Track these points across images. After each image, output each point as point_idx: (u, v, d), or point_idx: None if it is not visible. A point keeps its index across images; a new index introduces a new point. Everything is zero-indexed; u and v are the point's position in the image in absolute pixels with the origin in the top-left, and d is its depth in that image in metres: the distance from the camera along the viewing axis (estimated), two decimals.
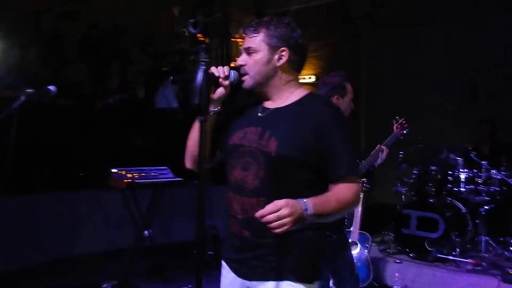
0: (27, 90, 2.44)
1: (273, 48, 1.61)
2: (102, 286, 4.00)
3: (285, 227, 1.36)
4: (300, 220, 1.40)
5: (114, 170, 4.19)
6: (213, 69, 1.61)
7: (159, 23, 7.39)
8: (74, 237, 4.92)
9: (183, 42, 7.45)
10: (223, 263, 1.74)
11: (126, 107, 6.52)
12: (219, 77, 1.61)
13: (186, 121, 1.81)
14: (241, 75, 1.66)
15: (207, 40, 1.51)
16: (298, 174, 1.52)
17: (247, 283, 1.63)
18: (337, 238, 2.55)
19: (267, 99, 1.68)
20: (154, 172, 4.49)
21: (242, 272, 1.64)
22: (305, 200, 1.42)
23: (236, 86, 1.69)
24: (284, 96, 1.64)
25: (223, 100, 1.69)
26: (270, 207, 1.37)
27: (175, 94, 6.45)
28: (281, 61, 1.63)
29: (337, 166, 1.53)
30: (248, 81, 1.65)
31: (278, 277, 1.55)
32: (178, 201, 5.31)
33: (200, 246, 1.48)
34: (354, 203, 1.56)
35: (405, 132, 3.35)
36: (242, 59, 1.66)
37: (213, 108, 1.67)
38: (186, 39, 7.32)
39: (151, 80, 6.95)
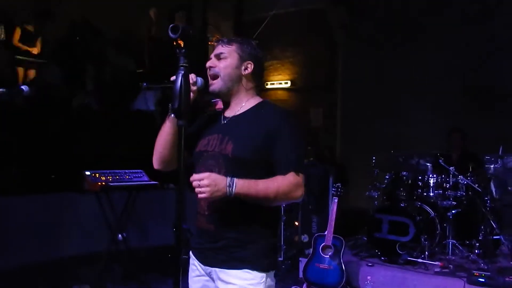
0: None
1: (242, 59, 1.85)
2: None
3: (202, 194, 1.60)
4: (219, 193, 1.61)
5: (87, 173, 4.14)
6: None
7: (136, 26, 7.34)
8: (45, 240, 4.82)
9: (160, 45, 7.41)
10: (191, 253, 1.91)
11: (100, 109, 6.44)
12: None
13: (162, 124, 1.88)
14: (211, 77, 1.83)
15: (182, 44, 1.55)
16: (252, 171, 1.71)
17: (209, 269, 1.82)
18: None
19: (228, 106, 1.88)
20: (128, 175, 4.46)
21: (205, 259, 1.83)
22: (233, 179, 1.63)
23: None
24: (242, 103, 1.86)
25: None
26: (197, 176, 1.60)
27: (156, 98, 6.42)
28: (247, 71, 1.85)
29: (280, 163, 1.73)
30: (217, 83, 1.83)
31: (237, 266, 1.75)
32: (152, 205, 5.28)
33: (179, 249, 1.52)
34: (288, 193, 1.72)
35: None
36: (212, 62, 1.85)
37: None
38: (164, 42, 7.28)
39: (128, 82, 6.88)
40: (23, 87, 2.47)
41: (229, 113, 1.88)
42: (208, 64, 1.84)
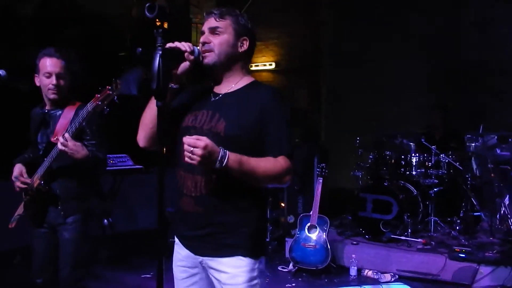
0: None
1: (238, 35, 1.74)
2: None
3: (192, 159, 1.51)
4: (210, 163, 1.53)
5: None
6: (178, 44, 1.65)
7: (117, 6, 7.18)
8: None
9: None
10: (176, 239, 1.82)
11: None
12: (185, 51, 1.66)
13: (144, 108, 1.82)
14: (204, 52, 1.72)
15: (165, 25, 1.50)
16: (244, 151, 1.62)
17: (200, 258, 1.73)
18: None
19: (219, 83, 1.79)
20: (113, 160, 4.44)
21: (195, 248, 1.74)
22: (226, 152, 1.55)
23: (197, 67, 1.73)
24: (234, 81, 1.76)
25: (183, 79, 1.74)
26: (193, 139, 1.51)
27: (137, 81, 6.33)
28: (242, 48, 1.76)
29: (272, 145, 1.68)
30: (212, 57, 1.72)
31: (229, 254, 1.68)
32: (137, 189, 5.27)
33: (162, 231, 1.51)
34: (278, 177, 1.68)
35: (99, 103, 2.24)
36: (205, 37, 1.74)
37: (173, 85, 1.71)
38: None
39: (109, 64, 6.75)
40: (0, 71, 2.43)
41: (219, 90, 1.78)
42: (202, 39, 1.73)
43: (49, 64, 2.51)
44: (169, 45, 1.59)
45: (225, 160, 1.54)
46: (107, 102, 2.29)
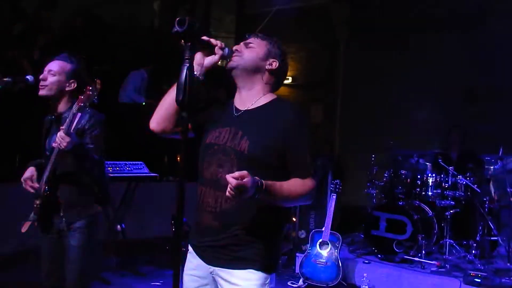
0: (4, 79, 2.43)
1: (270, 54, 1.82)
2: None
3: (237, 196, 1.51)
4: (248, 195, 1.54)
5: None
6: (211, 39, 1.72)
7: (139, 18, 7.32)
8: None
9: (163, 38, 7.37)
10: (190, 248, 1.84)
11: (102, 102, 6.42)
12: (216, 45, 1.73)
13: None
14: (233, 55, 1.79)
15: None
16: (266, 170, 1.66)
17: (211, 268, 1.76)
18: None
19: (240, 94, 1.83)
20: (129, 167, 4.48)
21: (207, 257, 1.76)
22: (262, 182, 1.57)
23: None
24: (257, 97, 1.80)
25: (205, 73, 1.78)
26: (237, 174, 1.51)
27: (135, 88, 6.45)
28: (270, 67, 1.81)
29: (299, 167, 1.72)
30: (237, 60, 1.78)
31: (242, 266, 1.70)
32: (151, 196, 5.30)
33: (178, 241, 1.51)
34: (306, 198, 1.74)
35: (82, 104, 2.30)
36: (239, 47, 1.82)
37: (198, 76, 1.76)
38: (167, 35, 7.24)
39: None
40: (28, 76, 2.49)
41: (241, 105, 1.82)
42: (235, 47, 1.81)
43: (49, 64, 2.51)
44: (203, 37, 1.68)
45: (262, 191, 1.57)
46: (89, 102, 2.32)
